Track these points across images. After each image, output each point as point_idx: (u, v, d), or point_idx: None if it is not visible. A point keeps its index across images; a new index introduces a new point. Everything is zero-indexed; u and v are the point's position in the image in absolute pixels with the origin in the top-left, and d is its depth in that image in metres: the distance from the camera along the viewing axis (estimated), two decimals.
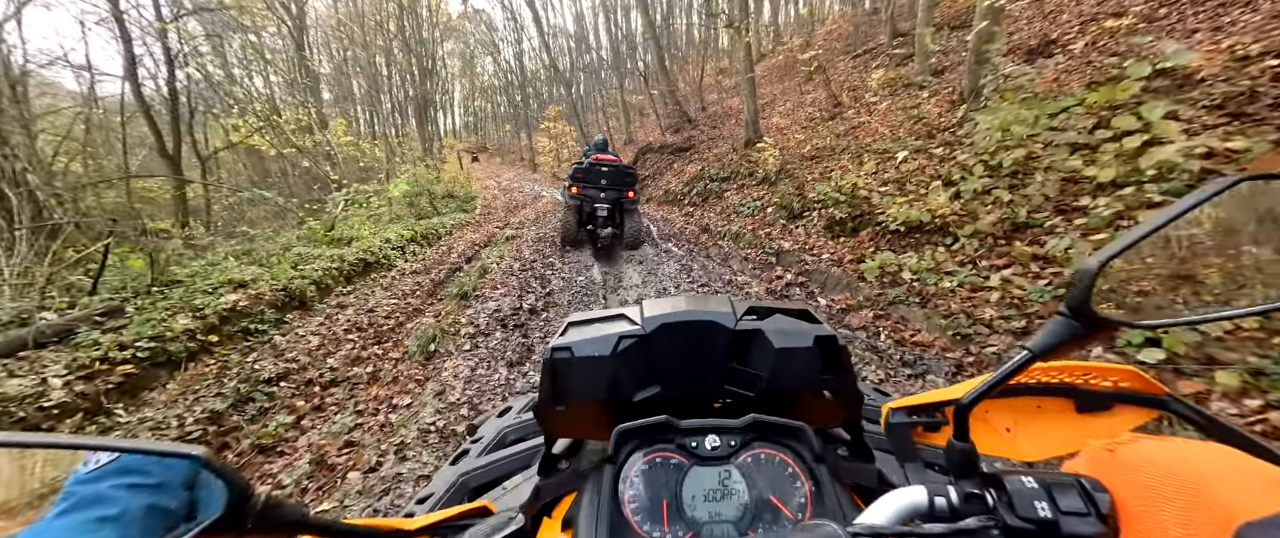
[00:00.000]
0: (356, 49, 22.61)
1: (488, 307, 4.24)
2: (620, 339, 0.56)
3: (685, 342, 0.58)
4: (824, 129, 8.56)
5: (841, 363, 0.54)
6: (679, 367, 0.58)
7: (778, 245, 5.17)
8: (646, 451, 0.51)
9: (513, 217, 12.79)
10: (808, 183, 5.86)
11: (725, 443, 0.51)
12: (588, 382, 0.55)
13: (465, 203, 15.52)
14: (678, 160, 12.21)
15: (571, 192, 6.12)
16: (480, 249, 8.14)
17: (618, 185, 6.04)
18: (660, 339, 0.57)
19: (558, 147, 25.24)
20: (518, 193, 18.48)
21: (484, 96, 42.40)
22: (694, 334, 0.58)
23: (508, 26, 33.62)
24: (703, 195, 8.90)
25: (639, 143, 18.34)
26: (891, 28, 10.33)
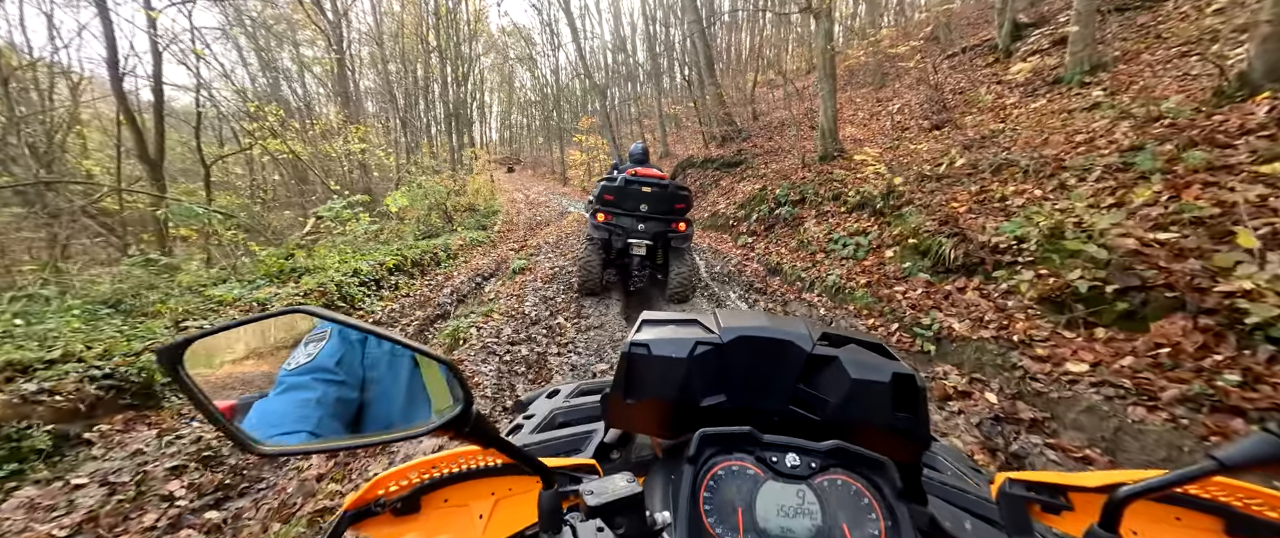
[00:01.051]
0: (396, 62, 22.14)
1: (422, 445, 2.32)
2: (697, 344, 0.57)
3: (759, 357, 0.59)
4: (929, 141, 6.39)
5: (918, 405, 0.54)
6: (748, 380, 0.59)
7: (936, 322, 3.04)
8: (725, 457, 0.51)
9: (532, 237, 11.07)
10: (963, 217, 3.71)
11: (805, 463, 0.51)
12: (660, 381, 0.56)
13: (485, 218, 13.98)
14: (727, 176, 10.20)
15: (597, 219, 4.20)
16: (479, 285, 6.34)
17: (664, 212, 4.13)
18: (735, 351, 0.58)
19: (589, 160, 23.79)
20: (543, 208, 16.87)
21: (520, 111, 42.04)
22: (769, 351, 0.59)
23: (545, 40, 32.97)
24: (766, 222, 6.84)
25: (677, 157, 16.44)
26: (1010, 19, 8.07)
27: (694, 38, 11.46)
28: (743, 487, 0.49)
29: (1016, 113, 5.97)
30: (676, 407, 0.57)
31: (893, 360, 0.58)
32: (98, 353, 2.63)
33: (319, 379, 0.68)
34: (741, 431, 0.52)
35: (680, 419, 0.58)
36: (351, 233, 7.42)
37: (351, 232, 7.46)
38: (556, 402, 0.95)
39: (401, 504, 0.54)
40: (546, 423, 0.87)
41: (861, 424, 0.54)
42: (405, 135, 19.99)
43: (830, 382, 0.56)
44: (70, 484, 2.07)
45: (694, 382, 0.56)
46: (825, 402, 0.56)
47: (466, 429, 0.39)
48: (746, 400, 0.60)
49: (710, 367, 0.57)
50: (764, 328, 0.61)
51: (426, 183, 10.54)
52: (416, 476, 0.56)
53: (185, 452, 2.33)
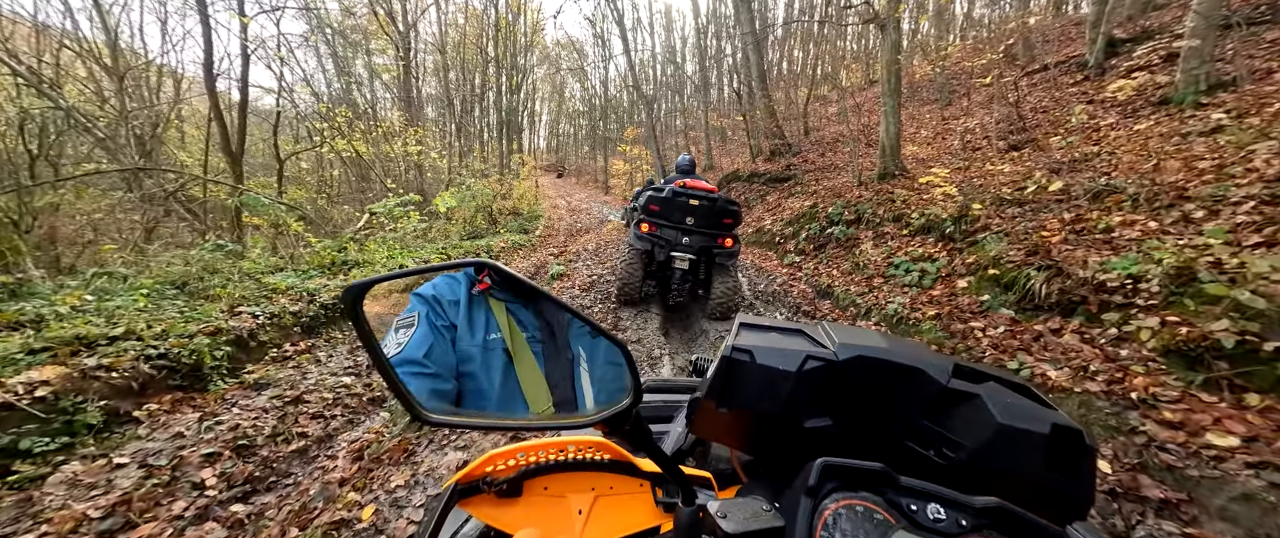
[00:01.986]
0: (456, 71, 23.32)
1: (446, 460, 2.18)
2: (808, 358, 0.52)
3: (880, 382, 0.52)
4: (1006, 163, 5.81)
5: (1084, 467, 0.46)
6: (862, 406, 0.53)
7: (1025, 366, 2.63)
8: (848, 495, 0.43)
9: (572, 243, 11.10)
10: (1057, 248, 3.25)
11: (953, 519, 0.42)
12: (762, 392, 0.51)
13: (528, 222, 14.23)
14: (774, 192, 9.82)
15: (641, 230, 3.99)
16: None
17: (711, 226, 3.90)
18: (852, 371, 0.52)
19: (632, 170, 23.90)
20: (585, 215, 17.02)
21: (568, 120, 43.13)
22: (892, 377, 0.52)
23: (596, 53, 33.72)
24: (817, 241, 6.44)
25: (723, 170, 16.15)
26: (1104, 34, 7.31)
27: (747, 49, 11.23)
28: (868, 531, 0.42)
29: (1113, 135, 5.33)
30: (774, 423, 0.53)
31: (1050, 409, 0.51)
32: (156, 333, 2.71)
33: (409, 373, 0.64)
34: (872, 467, 0.45)
35: (775, 437, 0.54)
36: (402, 230, 7.66)
37: (402, 229, 7.70)
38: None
39: (506, 486, 0.53)
40: None
41: (1001, 478, 0.47)
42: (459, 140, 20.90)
43: (967, 423, 0.49)
44: (113, 463, 2.09)
45: (800, 399, 0.51)
46: (957, 444, 0.49)
47: (627, 426, 0.37)
48: (857, 429, 0.53)
49: (819, 385, 0.52)
50: (888, 351, 0.54)
51: (474, 185, 10.83)
52: (524, 458, 0.54)
53: (222, 439, 2.32)
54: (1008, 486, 0.47)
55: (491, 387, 0.76)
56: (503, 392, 0.76)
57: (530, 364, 0.80)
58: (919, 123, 10.30)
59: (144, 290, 3.32)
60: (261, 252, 4.79)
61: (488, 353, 0.78)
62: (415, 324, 0.73)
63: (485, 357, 0.77)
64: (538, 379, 0.80)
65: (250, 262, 4.44)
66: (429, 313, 0.75)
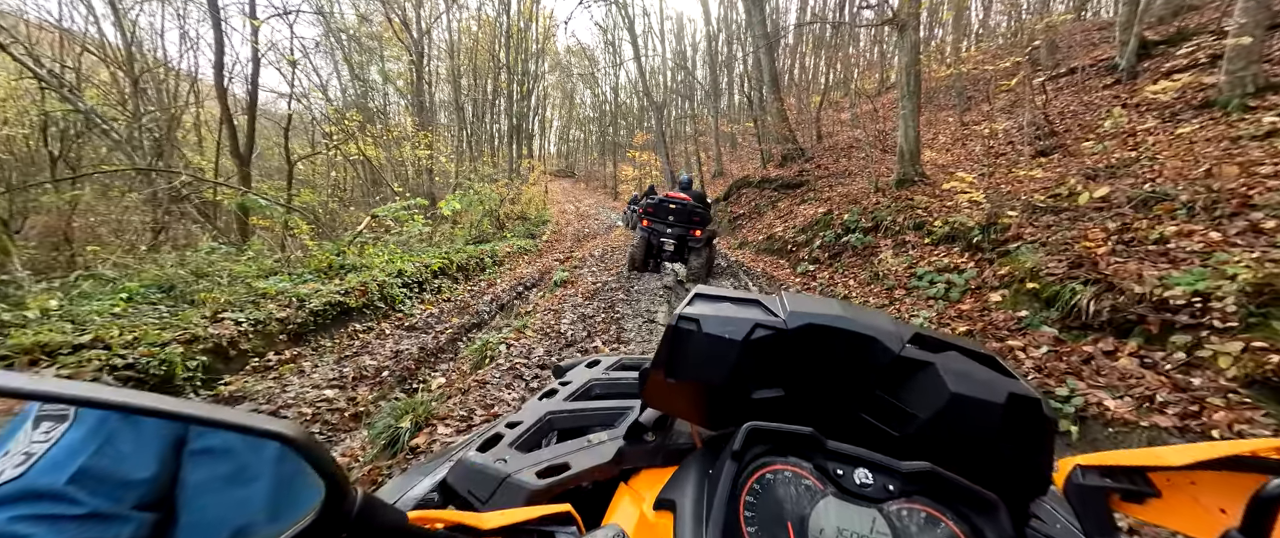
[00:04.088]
0: (468, 77, 23.48)
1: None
2: (756, 327, 0.50)
3: (831, 352, 0.50)
4: (1034, 169, 5.48)
5: (1041, 437, 0.44)
6: (813, 376, 0.51)
7: (1077, 393, 2.32)
8: (777, 460, 0.44)
9: (578, 248, 10.90)
10: (1104, 260, 2.93)
11: (880, 484, 0.42)
12: (708, 362, 0.50)
13: (535, 227, 14.08)
14: (786, 198, 9.53)
15: (643, 224, 6.23)
16: (521, 295, 6.11)
17: (684, 223, 5.92)
18: (801, 340, 0.50)
19: (641, 175, 23.76)
20: (593, 220, 16.85)
21: (578, 126, 43.30)
22: (845, 347, 0.50)
23: (607, 59, 33.81)
24: (831, 249, 6.14)
25: (732, 176, 15.90)
26: (1136, 36, 6.95)
27: (759, 52, 11.00)
28: (795, 498, 0.41)
29: (1153, 140, 4.98)
30: (722, 394, 0.50)
31: (1010, 378, 0.47)
32: (126, 341, 2.53)
33: (28, 517, 0.31)
34: (801, 431, 0.44)
35: (726, 409, 0.51)
36: (406, 234, 7.51)
37: (407, 232, 7.55)
38: (596, 372, 0.89)
39: None
40: (582, 392, 0.81)
41: (955, 450, 0.44)
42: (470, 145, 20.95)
43: (920, 393, 0.47)
44: None
45: (747, 369, 0.49)
46: (910, 416, 0.46)
47: (344, 535, 0.27)
48: (807, 399, 0.51)
49: (768, 355, 0.49)
50: (841, 318, 0.50)
51: (482, 190, 10.70)
52: None
53: None
54: (963, 458, 0.45)
55: (265, 460, 0.44)
56: (285, 465, 0.44)
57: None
58: (936, 128, 9.96)
59: (125, 295, 3.16)
60: (257, 254, 4.64)
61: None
62: (71, 415, 0.38)
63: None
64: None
65: (243, 264, 4.28)
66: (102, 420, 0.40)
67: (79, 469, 0.34)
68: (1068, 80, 8.13)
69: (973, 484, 0.42)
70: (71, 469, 0.34)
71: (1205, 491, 0.42)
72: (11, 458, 0.34)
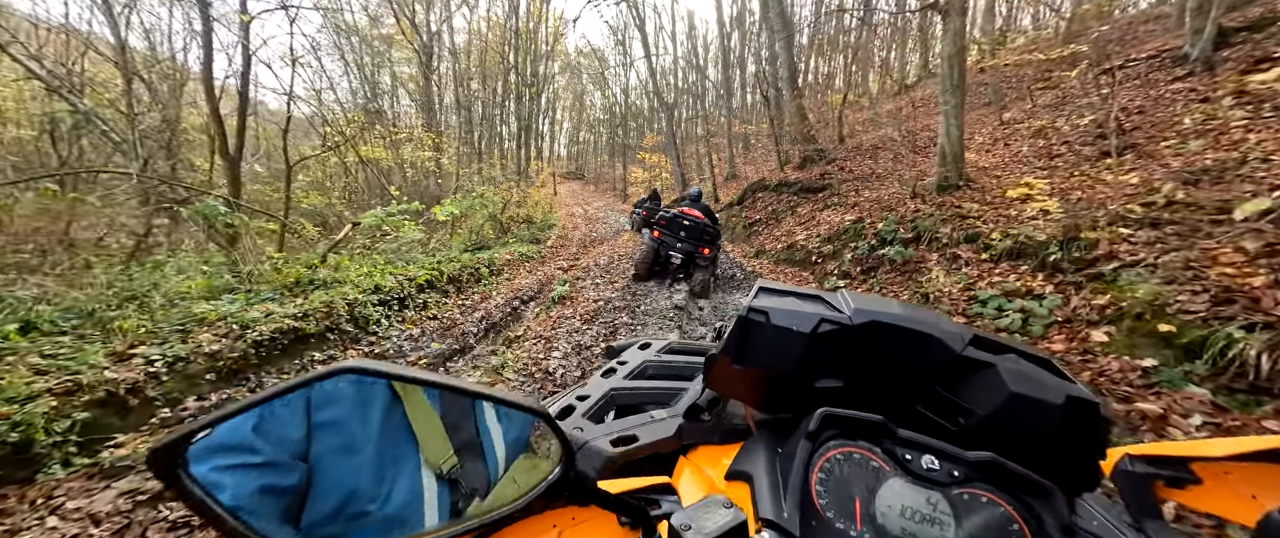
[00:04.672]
0: (477, 80, 23.14)
1: None
2: (822, 321, 0.52)
3: (893, 348, 0.53)
4: (1105, 171, 4.69)
5: (1098, 438, 0.47)
6: (874, 370, 0.54)
7: None
8: (847, 443, 0.47)
9: (583, 255, 10.26)
10: (1268, 295, 2.18)
11: (945, 469, 0.45)
12: (775, 352, 0.52)
13: (541, 231, 13.47)
14: (806, 203, 8.76)
15: (653, 235, 6.25)
16: (516, 311, 5.46)
17: (694, 241, 5.96)
18: (865, 336, 0.52)
19: (651, 178, 23.10)
20: (601, 224, 16.19)
21: (589, 129, 42.88)
22: (907, 344, 0.52)
23: (617, 60, 33.28)
24: (865, 263, 5.38)
25: (746, 180, 15.13)
26: (1213, 23, 6.07)
27: (776, 46, 10.24)
28: (863, 477, 0.44)
29: (1256, 138, 4.16)
30: (786, 381, 0.53)
31: (1067, 382, 0.50)
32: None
33: (226, 467, 0.37)
34: (873, 418, 0.47)
35: (787, 395, 0.55)
36: (399, 241, 6.93)
37: (400, 239, 6.98)
38: (648, 354, 0.92)
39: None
40: (638, 372, 0.84)
41: (1012, 445, 0.46)
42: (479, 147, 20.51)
43: (979, 391, 0.49)
44: None
45: (812, 360, 0.52)
46: (968, 412, 0.49)
47: (567, 493, 0.35)
48: (868, 392, 0.53)
49: (832, 348, 0.52)
50: (904, 317, 0.53)
51: (484, 192, 10.11)
52: None
53: None
54: (1019, 453, 0.46)
55: (368, 435, 0.50)
56: (384, 439, 0.51)
57: (422, 402, 0.55)
58: (972, 128, 9.09)
59: (19, 325, 2.58)
60: (215, 270, 4.06)
61: (364, 387, 0.52)
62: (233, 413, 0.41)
63: (360, 392, 0.52)
64: (433, 421, 0.56)
65: (197, 281, 3.69)
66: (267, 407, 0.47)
67: (254, 427, 0.43)
68: (1127, 72, 7.25)
69: (1031, 473, 0.43)
70: (251, 423, 0.43)
71: (1240, 480, 0.45)
72: (214, 434, 0.39)
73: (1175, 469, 0.48)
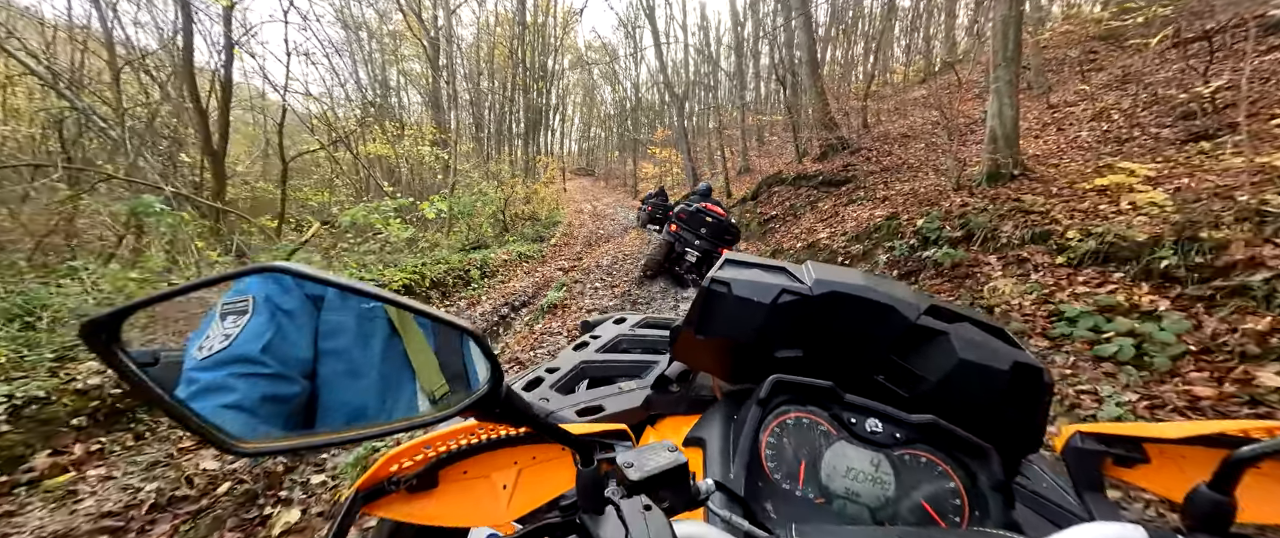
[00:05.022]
0: (486, 77, 22.66)
1: None
2: (782, 292, 0.53)
3: (851, 317, 0.54)
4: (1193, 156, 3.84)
5: (1039, 403, 0.49)
6: (833, 340, 0.54)
7: None
8: (797, 408, 0.49)
9: (588, 254, 9.61)
10: None
11: (888, 432, 0.48)
12: (736, 322, 0.53)
13: (545, 229, 12.86)
14: (829, 198, 7.95)
15: (670, 229, 5.65)
16: (502, 321, 4.82)
17: (715, 239, 5.45)
18: (824, 306, 0.54)
19: (662, 174, 22.35)
20: (608, 221, 15.52)
21: (600, 124, 42.27)
22: (864, 313, 0.54)
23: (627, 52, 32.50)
24: (904, 267, 4.59)
25: (761, 173, 14.29)
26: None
27: (795, 27, 9.38)
28: (811, 441, 0.46)
29: None
30: (748, 351, 0.54)
31: (1016, 349, 0.52)
32: None
33: (239, 375, 0.50)
34: (822, 384, 0.48)
35: (750, 365, 0.55)
36: (384, 240, 6.36)
37: (388, 238, 6.41)
38: (623, 328, 0.92)
39: (417, 480, 0.52)
40: (611, 346, 0.85)
41: (960, 410, 0.48)
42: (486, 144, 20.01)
43: (931, 359, 0.51)
44: None
45: (772, 330, 0.53)
46: (921, 379, 0.51)
47: (497, 410, 0.35)
48: (827, 361, 0.54)
49: (793, 318, 0.53)
50: (862, 288, 0.55)
51: (485, 188, 9.51)
52: (432, 450, 0.53)
53: None
54: (968, 418, 0.47)
55: (370, 362, 0.64)
56: (385, 366, 0.64)
57: (418, 337, 0.69)
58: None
59: None
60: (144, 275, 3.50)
61: (367, 321, 0.65)
62: (250, 310, 0.57)
63: (362, 326, 0.65)
64: (428, 354, 0.68)
65: (72, 296, 3.07)
66: (272, 293, 0.59)
67: (266, 344, 0.53)
68: (1203, 46, 6.27)
69: (968, 434, 0.46)
70: (261, 343, 0.53)
71: (1191, 462, 0.46)
72: (213, 339, 0.52)
73: (1126, 448, 0.48)
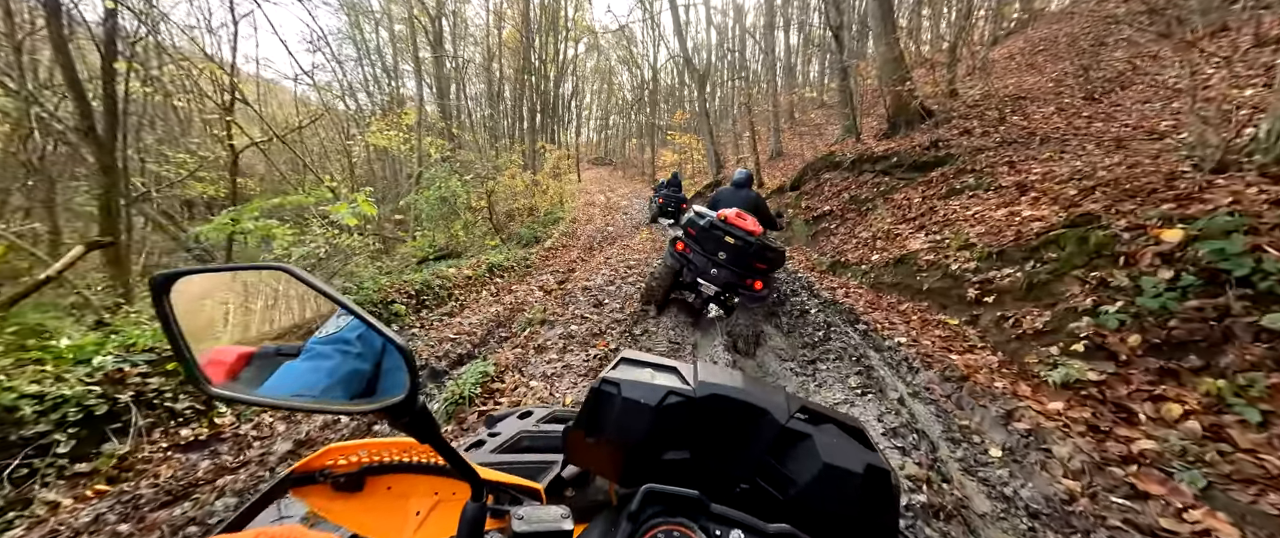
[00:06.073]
0: (498, 62, 20.73)
1: None
2: (668, 394, 0.54)
3: (731, 419, 0.55)
4: None
5: (888, 506, 0.50)
6: (715, 441, 0.55)
7: None
8: (667, 520, 0.46)
9: (587, 260, 7.48)
10: None
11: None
12: (624, 424, 0.53)
13: (544, 227, 10.77)
14: (910, 186, 5.52)
15: (676, 248, 3.72)
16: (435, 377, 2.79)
17: (739, 266, 3.45)
18: (706, 408, 0.54)
19: (682, 161, 19.92)
20: (620, 215, 13.31)
21: (619, 112, 39.99)
22: (741, 415, 0.55)
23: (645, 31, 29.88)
24: (1166, 334, 2.25)
25: (797, 157, 11.76)
26: None
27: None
28: None
29: None
30: (637, 454, 0.54)
31: (870, 451, 0.53)
32: None
33: (338, 349, 0.60)
34: (689, 495, 0.47)
35: (639, 468, 0.53)
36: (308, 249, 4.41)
37: (310, 247, 4.46)
38: (526, 424, 0.87)
39: (345, 480, 0.54)
40: (510, 444, 0.82)
41: (822, 515, 0.49)
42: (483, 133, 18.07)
43: (800, 461, 0.52)
44: None
45: (658, 432, 0.53)
46: (792, 481, 0.51)
47: (406, 419, 0.38)
48: (711, 463, 0.55)
49: (679, 420, 0.53)
50: (741, 390, 0.56)
51: (454, 184, 7.46)
52: (367, 455, 0.56)
53: None
54: (830, 522, 0.48)
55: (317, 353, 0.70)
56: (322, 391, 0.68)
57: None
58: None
59: None
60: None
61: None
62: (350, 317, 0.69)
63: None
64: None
65: None
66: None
67: (357, 336, 0.58)
68: None
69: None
70: (358, 332, 0.58)
71: None
72: (330, 327, 0.58)
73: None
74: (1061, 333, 2.51)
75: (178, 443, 2.30)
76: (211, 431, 2.43)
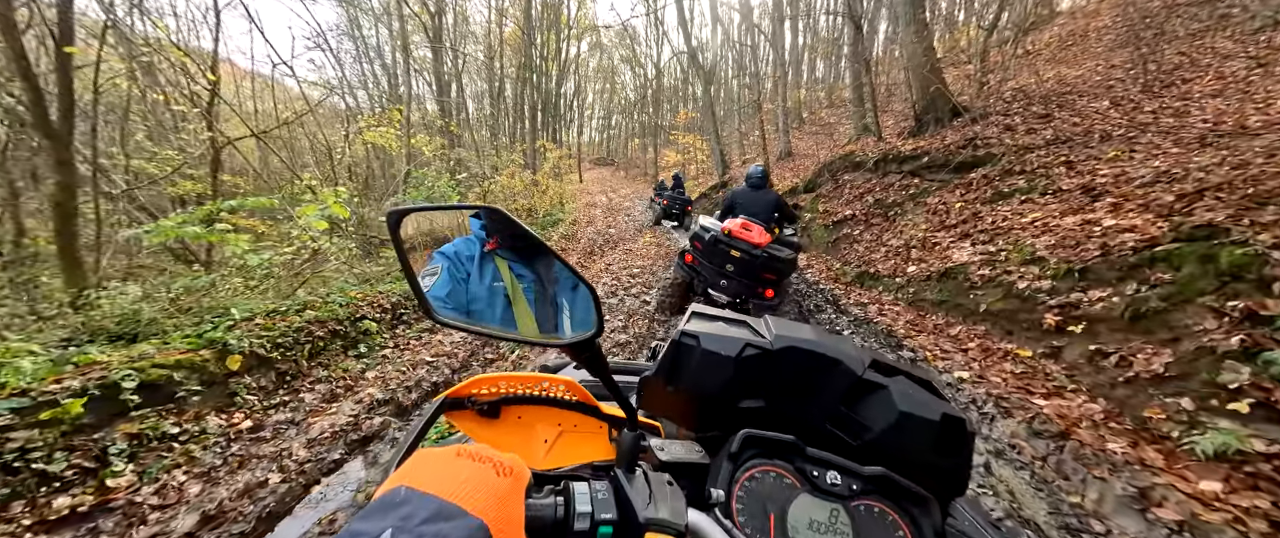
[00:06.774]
0: (497, 59, 20.14)
1: None
2: (746, 346, 0.55)
3: (806, 370, 0.56)
4: None
5: (963, 449, 0.52)
6: (791, 391, 0.57)
7: None
8: (765, 461, 0.50)
9: (590, 264, 6.91)
10: None
11: (846, 484, 0.49)
12: (704, 374, 0.55)
13: (542, 230, 10.20)
14: (946, 189, 4.92)
15: (685, 260, 3.79)
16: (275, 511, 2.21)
17: (747, 278, 3.45)
18: (783, 360, 0.56)
19: (686, 161, 19.33)
20: (622, 217, 12.73)
21: (622, 112, 39.37)
22: (818, 367, 0.56)
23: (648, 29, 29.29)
24: None
25: (808, 157, 11.14)
26: None
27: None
28: (778, 494, 0.48)
29: None
30: (714, 402, 0.56)
31: (943, 401, 0.55)
32: None
33: (435, 298, 0.84)
34: (786, 439, 0.50)
35: (714, 415, 0.57)
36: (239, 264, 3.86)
37: (246, 259, 3.90)
38: (584, 373, 0.78)
39: (486, 408, 0.62)
40: None
41: (899, 457, 0.51)
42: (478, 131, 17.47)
43: (875, 410, 0.54)
44: None
45: (736, 382, 0.55)
46: (866, 428, 0.54)
47: (588, 353, 0.40)
48: (785, 411, 0.57)
49: (755, 370, 0.56)
50: (816, 343, 0.57)
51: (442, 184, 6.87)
52: (505, 386, 0.62)
53: None
54: (906, 464, 0.50)
55: (494, 320, 0.98)
56: (501, 325, 0.97)
57: (524, 306, 0.99)
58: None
59: None
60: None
61: (492, 295, 0.98)
62: (438, 273, 0.96)
63: (490, 298, 0.97)
64: (529, 317, 0.99)
65: None
66: (450, 266, 0.99)
67: (448, 292, 0.92)
68: None
69: (912, 484, 0.48)
70: (445, 290, 0.92)
71: None
72: (428, 279, 0.90)
73: None
74: (1195, 380, 1.92)
75: (45, 519, 1.74)
76: (99, 498, 1.86)
